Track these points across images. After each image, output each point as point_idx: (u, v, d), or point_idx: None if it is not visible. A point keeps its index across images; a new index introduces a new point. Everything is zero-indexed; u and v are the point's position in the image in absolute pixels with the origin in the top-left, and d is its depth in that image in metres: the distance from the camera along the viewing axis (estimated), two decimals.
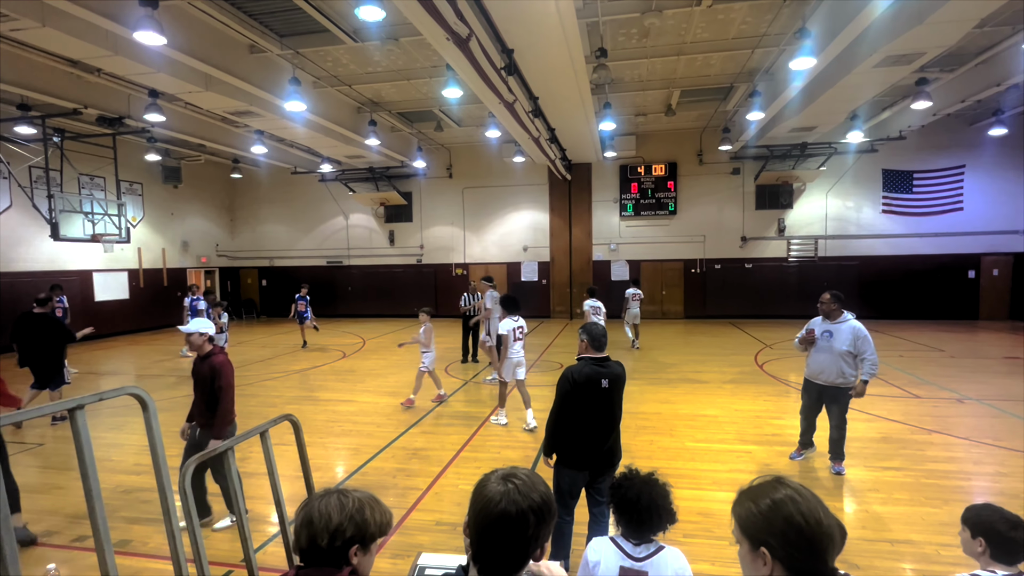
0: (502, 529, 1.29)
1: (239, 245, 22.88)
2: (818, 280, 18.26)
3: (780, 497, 1.27)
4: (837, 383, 5.39)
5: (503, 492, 1.31)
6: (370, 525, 1.58)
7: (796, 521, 1.23)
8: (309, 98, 11.57)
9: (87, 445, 1.69)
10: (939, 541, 4.20)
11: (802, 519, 1.23)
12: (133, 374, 11.86)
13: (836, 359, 5.35)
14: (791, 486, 1.30)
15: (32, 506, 5.11)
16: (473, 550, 1.36)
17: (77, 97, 11.52)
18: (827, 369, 5.43)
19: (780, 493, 1.28)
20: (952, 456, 6.01)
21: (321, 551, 1.52)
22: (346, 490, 1.63)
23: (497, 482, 1.34)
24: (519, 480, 1.34)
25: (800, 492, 1.28)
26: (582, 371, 3.57)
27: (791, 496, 1.27)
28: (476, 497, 1.35)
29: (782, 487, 1.30)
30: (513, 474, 1.37)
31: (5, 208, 14.25)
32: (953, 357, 11.59)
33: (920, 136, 16.83)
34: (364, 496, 1.63)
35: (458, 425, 7.50)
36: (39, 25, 7.63)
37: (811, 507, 1.25)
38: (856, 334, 5.30)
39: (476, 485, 1.38)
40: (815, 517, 1.23)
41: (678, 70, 12.42)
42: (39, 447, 6.85)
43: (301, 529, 1.54)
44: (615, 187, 19.55)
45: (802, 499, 1.26)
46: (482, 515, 1.31)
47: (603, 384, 3.56)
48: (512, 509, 1.29)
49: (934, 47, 8.75)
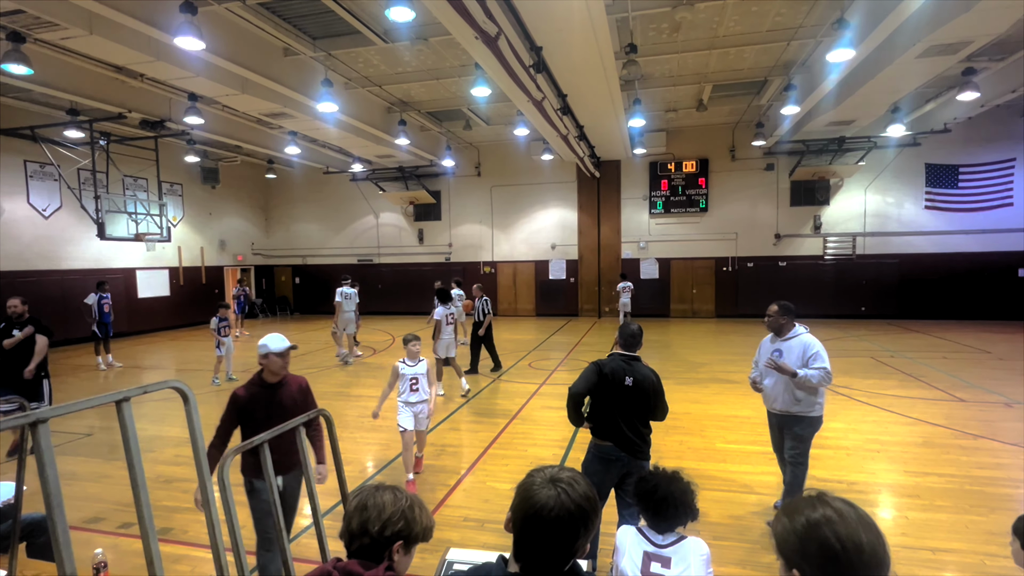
0: (552, 533, 1.30)
1: (273, 244, 23.46)
2: (856, 279, 17.71)
3: (817, 517, 1.17)
4: (792, 411, 4.46)
5: (553, 497, 1.31)
6: (417, 524, 1.63)
7: (831, 545, 1.13)
8: (341, 99, 11.78)
9: (133, 436, 1.77)
10: (985, 551, 4.04)
11: (838, 544, 1.12)
12: (174, 368, 12.29)
13: (787, 383, 4.42)
14: (832, 505, 1.19)
15: (80, 493, 5.36)
16: (516, 548, 1.36)
17: (121, 101, 12.00)
18: (779, 395, 4.51)
19: (818, 513, 1.18)
20: (999, 462, 5.75)
21: (371, 538, 1.56)
22: (398, 487, 1.68)
23: (545, 485, 1.34)
24: (566, 484, 1.34)
25: (841, 513, 1.17)
26: (609, 364, 3.68)
27: (829, 517, 1.16)
28: (523, 499, 1.34)
29: (821, 506, 1.19)
30: (559, 477, 1.36)
31: (56, 209, 14.94)
32: (1001, 359, 11.09)
33: (967, 128, 16.13)
34: (414, 497, 1.69)
35: (486, 422, 7.54)
36: (87, 33, 7.97)
37: (851, 531, 1.13)
38: (807, 351, 4.38)
39: (522, 486, 1.38)
40: (854, 541, 1.12)
41: (710, 64, 12.19)
42: (87, 437, 7.17)
43: (354, 513, 1.60)
44: (645, 184, 19.32)
45: (841, 521, 1.15)
46: (531, 518, 1.31)
47: (627, 382, 3.60)
48: (564, 514, 1.29)
49: (982, 35, 8.36)
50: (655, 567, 2.36)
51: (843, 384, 9.19)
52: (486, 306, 10.52)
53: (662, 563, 2.36)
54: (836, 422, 7.21)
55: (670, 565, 2.35)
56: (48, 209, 14.78)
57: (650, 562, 2.37)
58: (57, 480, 1.53)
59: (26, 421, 1.55)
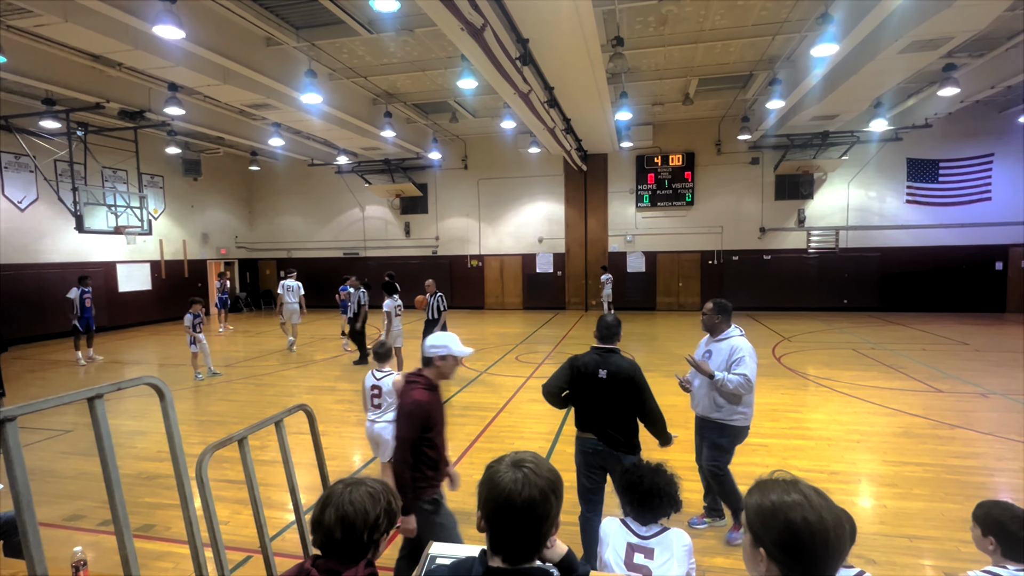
0: (526, 514, 1.30)
1: (257, 237, 23.18)
2: (839, 272, 17.97)
3: (789, 500, 1.21)
4: (711, 417, 4.16)
5: (520, 479, 1.31)
6: (397, 515, 1.62)
7: (797, 528, 1.17)
8: (325, 90, 11.63)
9: (106, 433, 1.74)
10: (960, 537, 4.13)
11: (805, 528, 1.17)
12: (155, 364, 12.12)
13: (710, 386, 4.09)
14: (804, 492, 1.23)
15: (60, 490, 5.28)
16: (493, 541, 1.35)
17: (99, 91, 11.73)
18: (701, 399, 4.20)
19: (791, 496, 1.21)
20: (975, 451, 5.89)
21: (359, 544, 1.53)
22: (365, 479, 1.64)
23: (509, 470, 1.34)
24: (530, 464, 1.35)
25: (810, 499, 1.21)
26: (583, 357, 3.68)
27: (799, 502, 1.20)
28: (490, 489, 1.34)
29: (794, 491, 1.23)
30: (521, 459, 1.37)
31: (32, 201, 14.60)
32: (978, 351, 11.33)
33: (947, 124, 16.37)
34: (383, 485, 1.64)
35: (473, 415, 7.54)
36: (62, 20, 7.76)
37: (818, 516, 1.17)
38: (733, 353, 4.02)
39: (486, 479, 1.37)
40: (821, 527, 1.17)
41: (696, 58, 12.22)
42: (66, 433, 7.05)
43: (335, 524, 1.51)
44: (631, 178, 19.37)
45: (811, 508, 1.19)
46: (503, 506, 1.31)
47: (601, 374, 3.56)
48: (535, 493, 1.30)
49: (963, 31, 8.48)
50: (638, 558, 2.38)
51: (825, 376, 9.33)
52: (441, 303, 9.85)
53: (645, 554, 2.39)
54: (817, 413, 7.33)
55: (653, 556, 2.38)
56: (24, 201, 14.44)
57: (633, 553, 2.40)
58: (26, 479, 1.50)
59: None
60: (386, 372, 4.75)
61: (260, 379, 10.06)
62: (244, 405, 8.33)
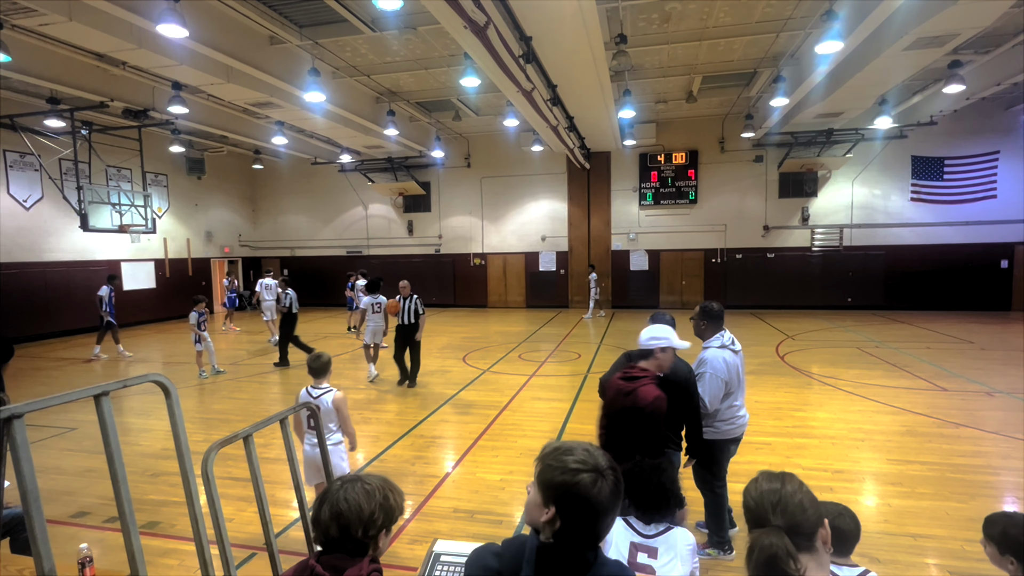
0: (605, 516, 1.36)
1: (261, 235, 23.23)
2: (843, 270, 17.90)
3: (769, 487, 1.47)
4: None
5: (609, 487, 1.36)
6: (395, 510, 1.62)
7: (750, 502, 1.48)
8: (328, 89, 11.63)
9: (112, 431, 1.74)
10: (965, 536, 4.12)
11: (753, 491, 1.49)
12: (160, 362, 12.17)
13: None
14: (782, 478, 1.48)
15: (66, 488, 5.31)
16: (561, 533, 1.36)
17: (103, 90, 11.76)
18: None
19: (754, 481, 1.51)
20: (980, 450, 5.86)
21: (355, 540, 1.54)
22: (363, 476, 1.65)
23: (593, 480, 1.35)
24: (607, 469, 1.38)
25: (784, 483, 1.46)
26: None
27: (774, 487, 1.46)
28: (574, 497, 1.34)
29: (781, 480, 1.48)
30: (599, 466, 1.38)
31: (37, 200, 14.67)
32: (983, 349, 11.28)
33: (952, 121, 16.28)
34: (381, 481, 1.64)
35: (476, 414, 7.55)
36: (66, 19, 7.79)
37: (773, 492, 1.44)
38: (699, 366, 3.83)
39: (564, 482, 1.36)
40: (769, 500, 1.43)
41: (700, 55, 12.18)
42: (72, 431, 7.09)
43: (330, 521, 1.54)
44: (634, 176, 19.33)
45: (757, 480, 1.51)
46: (589, 511, 1.34)
47: None
48: (617, 498, 1.37)
49: (969, 28, 8.42)
50: (642, 557, 2.38)
51: (829, 374, 9.31)
52: (418, 306, 8.89)
53: (649, 553, 2.38)
54: (822, 412, 7.31)
55: (656, 555, 2.37)
56: (29, 200, 14.51)
57: (637, 552, 2.39)
58: (34, 475, 1.51)
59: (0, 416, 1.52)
60: (324, 389, 4.19)
61: (264, 377, 10.09)
62: (248, 403, 8.36)
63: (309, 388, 4.22)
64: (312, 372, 4.25)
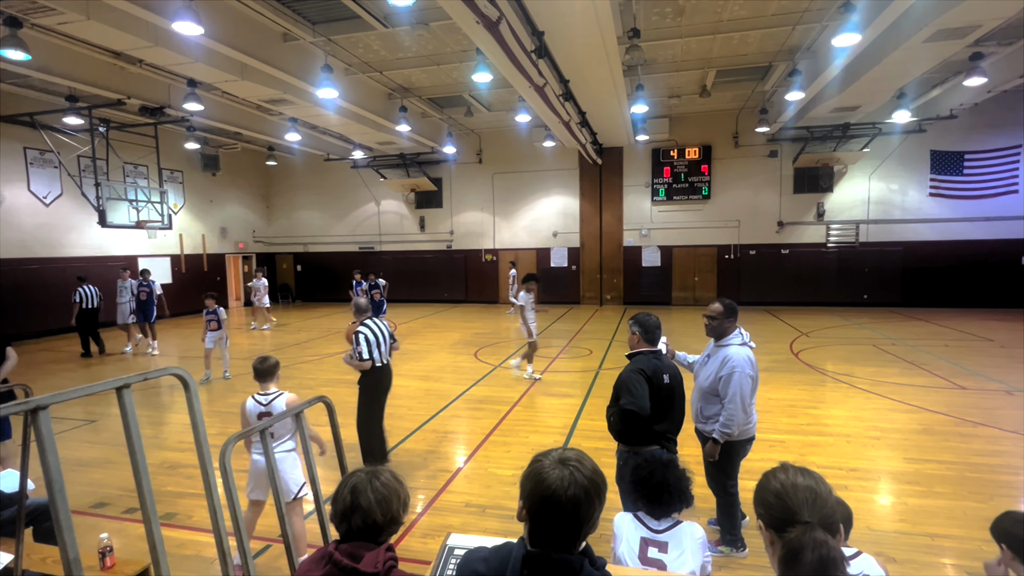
0: (569, 512, 1.32)
1: (275, 231, 23.44)
2: (859, 266, 17.66)
3: (773, 476, 1.52)
4: (697, 427, 3.92)
5: (567, 477, 1.33)
6: (408, 498, 1.72)
7: (772, 488, 1.48)
8: (341, 85, 11.68)
9: (134, 423, 1.78)
10: (982, 537, 4.03)
11: (779, 488, 1.46)
12: (176, 356, 12.34)
13: (698, 394, 3.85)
14: (788, 468, 1.53)
15: (86, 479, 5.42)
16: (533, 533, 1.38)
17: (120, 88, 11.91)
18: (692, 405, 3.88)
19: (774, 473, 1.52)
20: (999, 450, 5.77)
21: (376, 530, 1.60)
22: (380, 470, 1.68)
23: (555, 467, 1.36)
24: (574, 462, 1.37)
25: (787, 471, 1.51)
26: (645, 363, 3.36)
27: (777, 475, 1.51)
28: (536, 484, 1.36)
29: (782, 471, 1.53)
30: (566, 457, 1.39)
31: (56, 196, 14.92)
32: (1003, 347, 11.08)
33: (972, 115, 15.96)
34: (394, 475, 1.70)
35: (487, 409, 7.57)
36: (84, 18, 7.89)
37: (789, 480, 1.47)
38: (723, 366, 3.65)
39: (532, 472, 1.39)
40: (788, 486, 1.45)
41: (714, 49, 12.04)
42: (91, 423, 7.22)
43: (353, 513, 1.59)
44: (647, 171, 19.20)
45: (785, 475, 1.49)
46: (547, 501, 1.33)
47: (665, 379, 3.40)
48: (579, 492, 1.32)
49: (991, 19, 8.24)
50: (652, 552, 2.38)
51: (844, 372, 9.21)
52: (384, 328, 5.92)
53: (659, 548, 2.39)
54: (837, 410, 7.23)
55: (667, 550, 2.38)
56: (49, 196, 14.76)
57: (647, 547, 2.40)
58: (58, 466, 1.54)
59: (27, 408, 1.56)
60: (272, 393, 3.89)
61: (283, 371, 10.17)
62: None
63: (255, 396, 3.85)
64: (258, 376, 3.91)
